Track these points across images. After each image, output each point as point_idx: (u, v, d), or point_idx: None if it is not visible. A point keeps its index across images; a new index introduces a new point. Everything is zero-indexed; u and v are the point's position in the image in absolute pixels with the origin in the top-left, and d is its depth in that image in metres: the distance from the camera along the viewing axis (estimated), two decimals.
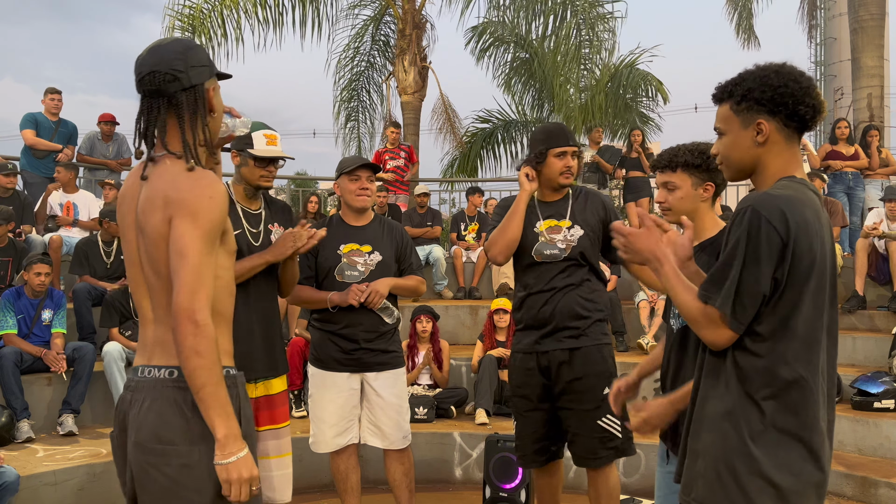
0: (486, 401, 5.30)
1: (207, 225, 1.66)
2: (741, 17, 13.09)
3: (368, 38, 12.64)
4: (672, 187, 2.40)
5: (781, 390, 1.61)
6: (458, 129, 13.12)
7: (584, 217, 3.13)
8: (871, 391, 4.93)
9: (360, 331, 3.32)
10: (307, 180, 15.46)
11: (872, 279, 6.48)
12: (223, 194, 1.72)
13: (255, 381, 2.88)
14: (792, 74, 1.68)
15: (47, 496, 4.04)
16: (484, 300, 7.36)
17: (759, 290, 1.58)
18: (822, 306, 1.63)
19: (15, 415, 4.61)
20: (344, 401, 3.38)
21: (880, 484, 4.25)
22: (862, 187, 7.96)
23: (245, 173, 2.94)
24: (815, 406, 1.62)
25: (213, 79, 1.83)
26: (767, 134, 1.69)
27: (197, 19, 10.10)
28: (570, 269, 3.09)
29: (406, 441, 3.47)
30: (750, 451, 1.61)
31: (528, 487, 4.12)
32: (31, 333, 5.03)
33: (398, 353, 3.49)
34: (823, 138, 11.93)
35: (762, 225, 1.56)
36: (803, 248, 1.58)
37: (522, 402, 3.17)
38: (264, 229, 2.98)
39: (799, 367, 1.61)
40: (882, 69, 10.19)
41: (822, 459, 1.64)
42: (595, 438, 3.03)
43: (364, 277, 3.30)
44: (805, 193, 1.65)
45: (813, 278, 1.60)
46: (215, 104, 1.83)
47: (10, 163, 6.90)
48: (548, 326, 3.08)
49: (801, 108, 1.67)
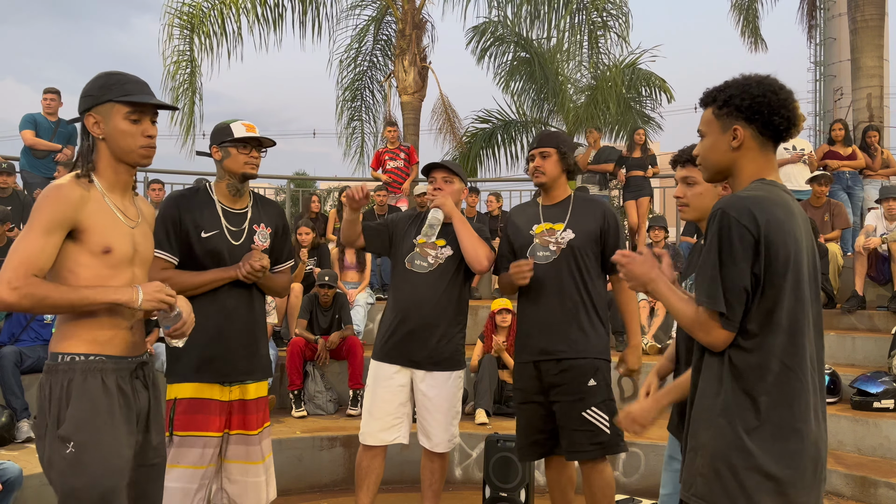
0: (486, 401, 5.30)
1: (38, 217, 1.92)
2: (746, 20, 13.07)
3: (370, 37, 12.63)
4: (692, 182, 2.40)
5: (773, 384, 1.67)
6: (457, 130, 13.13)
7: (579, 222, 3.16)
8: (871, 391, 4.93)
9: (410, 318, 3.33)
10: (307, 180, 15.45)
11: (872, 279, 6.49)
12: (59, 195, 1.95)
13: (229, 384, 2.78)
14: (772, 87, 1.79)
15: (48, 496, 4.04)
16: (484, 300, 7.37)
17: (740, 286, 1.67)
18: (804, 299, 1.71)
19: (15, 415, 4.62)
20: (391, 395, 3.37)
21: (880, 484, 4.25)
22: (861, 187, 7.97)
23: (230, 165, 2.82)
24: (807, 396, 1.69)
25: (97, 106, 2.04)
26: (742, 140, 1.80)
27: (196, 18, 10.10)
28: (562, 272, 3.12)
29: (445, 446, 3.41)
30: (746, 445, 1.66)
31: (528, 487, 4.12)
32: (27, 328, 5.02)
33: (450, 354, 3.39)
34: (823, 139, 11.94)
35: (732, 224, 1.66)
36: (777, 244, 1.67)
37: (518, 394, 3.25)
38: (248, 228, 2.86)
39: (787, 359, 1.68)
40: (882, 69, 10.19)
41: (818, 449, 1.70)
42: (580, 431, 3.05)
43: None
44: (776, 193, 1.74)
45: (790, 272, 1.68)
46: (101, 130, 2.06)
47: (3, 162, 6.87)
48: (541, 331, 3.13)
49: (775, 119, 1.77)
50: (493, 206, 8.59)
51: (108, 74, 2.08)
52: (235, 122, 2.87)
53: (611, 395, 3.13)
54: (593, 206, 3.25)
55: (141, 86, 2.08)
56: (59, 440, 1.92)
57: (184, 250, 2.77)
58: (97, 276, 1.99)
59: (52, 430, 1.93)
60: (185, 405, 2.72)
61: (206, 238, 2.77)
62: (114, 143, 2.04)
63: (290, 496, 4.62)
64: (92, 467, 1.91)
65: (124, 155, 2.06)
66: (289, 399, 5.59)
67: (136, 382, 2.09)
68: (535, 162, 3.22)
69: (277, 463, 4.72)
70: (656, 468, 4.63)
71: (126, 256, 2.05)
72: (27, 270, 1.87)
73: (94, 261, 1.98)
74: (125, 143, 2.04)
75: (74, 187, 1.98)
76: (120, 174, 2.09)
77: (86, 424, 1.93)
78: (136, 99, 2.04)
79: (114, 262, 2.01)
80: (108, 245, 2.00)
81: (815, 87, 14.89)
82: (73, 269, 1.97)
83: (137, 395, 2.08)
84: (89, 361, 1.98)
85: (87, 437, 1.92)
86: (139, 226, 2.13)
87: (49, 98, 7.46)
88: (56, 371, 1.97)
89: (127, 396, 2.04)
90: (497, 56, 12.92)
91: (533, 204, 3.37)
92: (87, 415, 1.94)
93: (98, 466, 1.92)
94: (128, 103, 2.04)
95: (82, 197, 1.97)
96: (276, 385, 5.68)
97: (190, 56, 10.15)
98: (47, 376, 1.98)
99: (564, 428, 3.09)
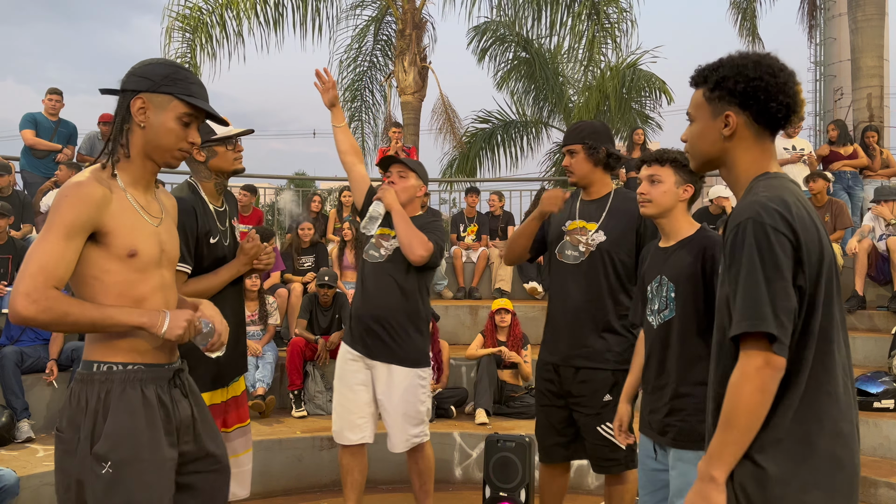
0: (486, 401, 5.30)
1: (59, 221, 1.75)
2: (745, 19, 13.06)
3: (370, 38, 12.64)
4: (657, 180, 2.51)
5: (801, 399, 1.48)
6: (457, 130, 13.13)
7: (614, 224, 3.01)
8: (871, 391, 4.93)
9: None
10: (307, 180, 15.45)
11: (872, 279, 6.49)
12: (81, 195, 1.78)
13: (226, 385, 2.81)
14: (770, 68, 1.57)
15: (48, 496, 4.04)
16: (484, 300, 7.37)
17: (791, 305, 1.45)
18: (832, 303, 1.52)
19: (15, 415, 4.62)
20: (353, 394, 3.37)
21: (880, 484, 4.25)
22: (861, 187, 7.97)
23: (218, 164, 2.74)
24: (838, 409, 1.50)
25: (151, 93, 1.88)
26: (734, 128, 1.60)
27: (196, 20, 10.10)
28: (589, 274, 2.99)
29: (402, 446, 3.38)
30: (766, 471, 1.47)
31: (528, 487, 4.12)
32: (27, 328, 5.02)
33: (405, 350, 3.33)
34: (823, 139, 11.92)
35: (770, 234, 1.45)
36: (811, 244, 1.48)
37: (540, 396, 3.19)
38: (229, 226, 2.84)
39: (817, 371, 1.49)
40: (882, 69, 10.19)
41: (854, 467, 1.52)
42: (598, 446, 3.02)
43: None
44: (789, 186, 1.56)
45: (823, 275, 1.49)
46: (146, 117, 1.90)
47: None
48: (561, 333, 3.06)
49: (772, 105, 1.57)
50: (495, 206, 8.60)
51: (174, 66, 1.93)
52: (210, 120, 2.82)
53: None
54: (632, 206, 2.99)
55: (203, 90, 1.97)
56: (95, 459, 1.77)
57: (196, 259, 2.69)
58: (125, 282, 1.84)
59: (84, 446, 1.78)
60: None
61: (213, 244, 2.72)
62: (154, 136, 1.89)
63: (290, 496, 4.63)
64: (131, 488, 1.78)
65: (159, 152, 1.91)
66: (289, 399, 5.59)
67: (175, 391, 1.94)
68: (565, 161, 3.12)
69: (277, 463, 4.75)
70: None
71: (153, 258, 1.90)
72: (46, 281, 1.70)
73: (119, 266, 1.83)
74: (167, 141, 1.90)
75: (96, 185, 1.80)
76: (146, 169, 1.93)
77: (124, 441, 1.79)
78: (198, 104, 1.91)
79: (140, 265, 1.86)
80: (133, 247, 1.84)
81: (815, 87, 14.87)
82: (97, 275, 1.82)
83: (177, 405, 1.93)
84: (128, 371, 1.84)
85: (125, 454, 1.78)
86: (163, 222, 1.97)
87: (54, 99, 7.46)
88: (92, 381, 1.82)
89: (167, 408, 1.89)
90: (497, 56, 12.93)
91: (575, 196, 3.19)
92: (126, 431, 1.79)
93: (137, 486, 1.79)
94: (189, 104, 1.91)
95: (105, 196, 1.80)
96: (276, 385, 5.68)
97: (191, 58, 10.15)
98: (81, 386, 1.83)
99: (586, 440, 3.06)
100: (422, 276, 3.40)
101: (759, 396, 1.43)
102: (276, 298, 6.14)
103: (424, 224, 3.37)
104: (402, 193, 3.38)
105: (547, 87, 12.64)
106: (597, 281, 2.98)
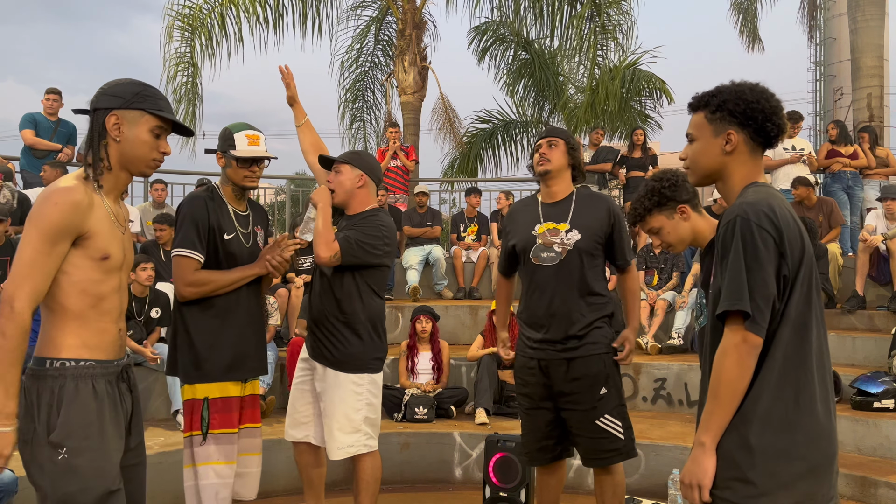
0: (486, 401, 5.30)
1: (46, 226, 1.90)
2: (745, 20, 13.07)
3: (371, 38, 12.62)
4: (657, 230, 2.66)
5: (779, 377, 1.68)
6: (458, 130, 13.14)
7: (583, 222, 3.08)
8: (871, 391, 4.93)
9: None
10: (307, 180, 15.45)
11: (872, 279, 6.49)
12: (70, 202, 1.93)
13: (245, 381, 2.95)
14: (764, 94, 1.83)
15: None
16: (484, 300, 7.37)
17: (769, 291, 1.66)
18: (811, 296, 1.72)
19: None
20: (298, 394, 3.39)
21: (880, 484, 4.25)
22: (860, 187, 7.96)
23: (230, 174, 2.94)
24: (812, 388, 1.69)
25: (124, 110, 2.04)
26: (736, 144, 1.82)
27: (196, 19, 10.10)
28: (568, 273, 3.05)
29: (334, 454, 3.19)
30: (749, 442, 1.67)
31: (528, 487, 4.12)
32: None
33: (340, 354, 3.19)
34: (823, 139, 11.92)
35: (755, 230, 1.67)
36: (792, 243, 1.69)
37: (525, 400, 3.19)
38: (252, 231, 3.00)
39: (791, 352, 1.68)
40: (882, 69, 10.19)
41: (829, 443, 1.71)
42: (596, 439, 3.03)
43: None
44: (774, 193, 1.79)
45: (802, 269, 1.70)
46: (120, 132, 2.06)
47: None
48: (547, 331, 3.07)
49: (768, 125, 1.81)
50: (502, 205, 8.55)
51: (142, 84, 2.11)
52: (241, 130, 2.93)
53: (622, 401, 3.10)
54: (597, 202, 3.14)
55: (169, 105, 2.16)
56: (51, 446, 1.91)
57: (208, 251, 2.86)
58: (90, 280, 1.99)
59: (41, 436, 1.92)
60: (219, 404, 2.84)
61: (227, 240, 2.89)
62: (129, 149, 2.05)
63: (289, 496, 4.62)
64: (85, 472, 1.92)
65: (133, 163, 2.08)
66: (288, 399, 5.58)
67: (122, 385, 2.10)
68: (542, 150, 3.14)
69: (277, 463, 4.75)
70: (656, 468, 4.64)
71: (118, 263, 2.06)
72: (33, 290, 1.89)
73: (90, 264, 1.99)
74: (141, 153, 2.07)
75: (84, 192, 1.97)
76: (120, 180, 2.10)
77: (78, 430, 1.93)
78: (168, 116, 2.10)
79: (109, 267, 2.03)
80: (107, 252, 2.01)
81: (815, 87, 14.89)
82: (67, 270, 1.97)
83: (124, 399, 2.10)
84: (80, 367, 1.97)
85: (79, 442, 1.92)
86: (126, 230, 2.15)
87: (52, 99, 7.46)
88: (44, 377, 1.95)
89: (115, 400, 2.05)
90: (498, 56, 12.92)
91: (532, 201, 3.25)
92: (79, 420, 1.93)
93: (91, 471, 1.93)
94: (159, 118, 2.08)
95: (91, 203, 1.98)
96: (276, 385, 5.67)
97: (190, 58, 10.15)
98: (34, 381, 1.96)
99: (580, 436, 3.07)
100: (362, 277, 3.21)
101: (737, 370, 1.66)
102: (276, 298, 6.14)
103: (357, 222, 3.24)
104: (338, 189, 3.28)
105: (547, 86, 12.63)
106: (578, 276, 3.06)
